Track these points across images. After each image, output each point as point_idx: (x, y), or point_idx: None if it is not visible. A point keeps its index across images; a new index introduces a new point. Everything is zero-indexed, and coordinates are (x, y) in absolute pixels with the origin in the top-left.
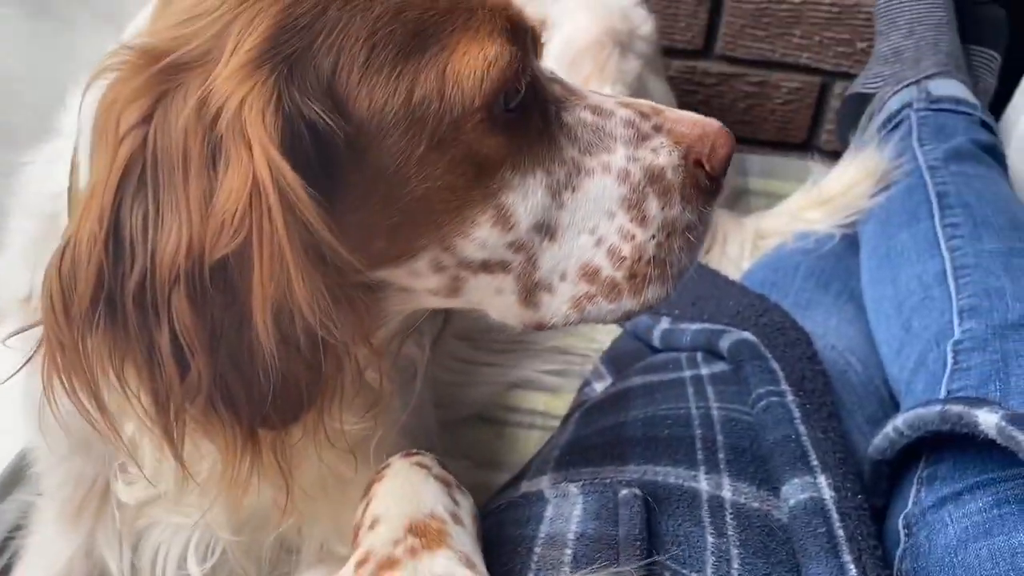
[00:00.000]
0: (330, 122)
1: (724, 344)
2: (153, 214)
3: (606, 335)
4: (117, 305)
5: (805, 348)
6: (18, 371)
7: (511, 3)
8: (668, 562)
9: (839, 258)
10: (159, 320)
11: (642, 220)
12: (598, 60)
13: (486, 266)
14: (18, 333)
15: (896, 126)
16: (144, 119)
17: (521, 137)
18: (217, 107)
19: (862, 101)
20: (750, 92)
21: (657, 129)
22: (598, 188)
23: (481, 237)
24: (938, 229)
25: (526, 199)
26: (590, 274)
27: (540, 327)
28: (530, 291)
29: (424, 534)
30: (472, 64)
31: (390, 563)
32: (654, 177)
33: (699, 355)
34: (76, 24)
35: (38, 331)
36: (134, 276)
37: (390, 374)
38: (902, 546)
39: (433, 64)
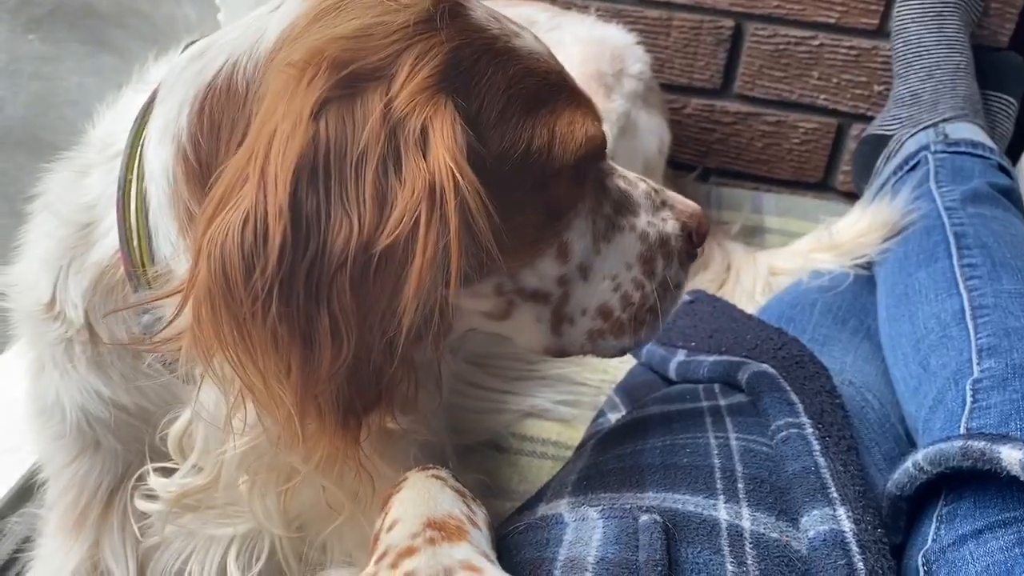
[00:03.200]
0: (476, 150)
1: (742, 376)
2: (325, 202)
3: (618, 367)
4: (289, 284)
5: (824, 382)
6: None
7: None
8: None
9: (856, 296)
10: (320, 302)
11: (650, 274)
12: None
13: (535, 295)
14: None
15: (913, 168)
16: (318, 114)
17: (585, 190)
18: (399, 117)
19: (878, 143)
20: (767, 131)
21: (664, 204)
22: (625, 242)
23: (543, 268)
24: (956, 269)
25: (580, 240)
26: (605, 313)
27: (560, 354)
28: (559, 322)
29: (443, 528)
30: (577, 132)
31: (409, 551)
32: (663, 241)
33: (716, 387)
34: (134, 57)
35: (50, 335)
36: (307, 258)
37: (426, 386)
38: None
39: (545, 123)
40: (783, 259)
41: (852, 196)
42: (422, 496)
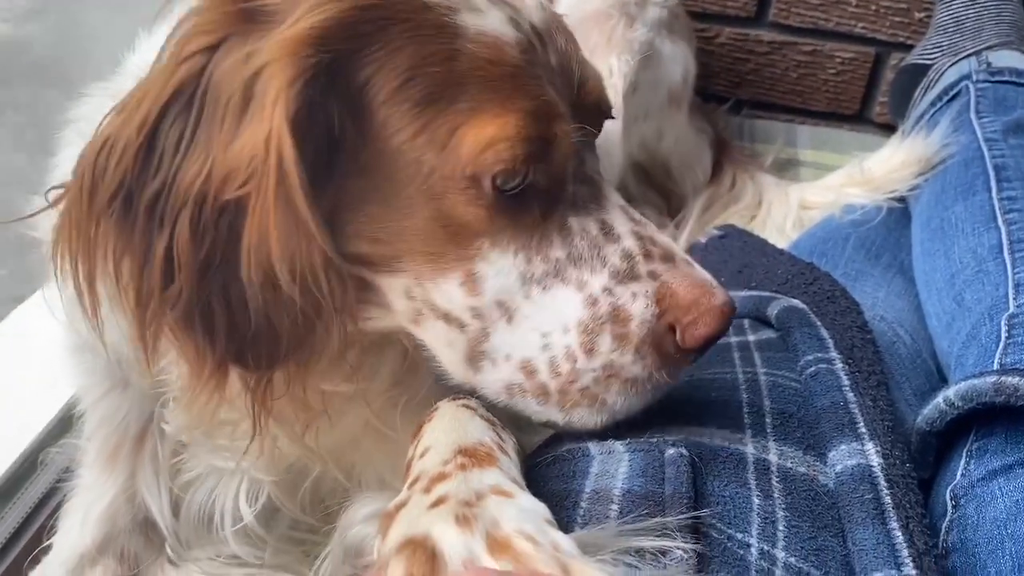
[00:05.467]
0: (344, 126)
1: (772, 311)
2: (188, 138)
3: None
4: (131, 205)
5: (855, 317)
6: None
7: (560, 106)
8: (714, 521)
9: (889, 230)
10: (162, 230)
11: (590, 350)
12: (604, 30)
13: (447, 317)
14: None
15: (953, 98)
16: (207, 50)
17: (509, 219)
18: (258, 65)
19: (916, 73)
20: (802, 61)
21: (651, 276)
22: (563, 299)
23: (448, 291)
24: (995, 202)
25: (497, 276)
26: (528, 370)
27: (474, 391)
28: (476, 356)
29: (473, 455)
30: (477, 137)
31: (441, 476)
32: (617, 319)
33: (746, 322)
34: None
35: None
36: (154, 185)
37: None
38: (949, 517)
39: (451, 119)
40: (815, 193)
41: (889, 128)
42: (453, 424)
